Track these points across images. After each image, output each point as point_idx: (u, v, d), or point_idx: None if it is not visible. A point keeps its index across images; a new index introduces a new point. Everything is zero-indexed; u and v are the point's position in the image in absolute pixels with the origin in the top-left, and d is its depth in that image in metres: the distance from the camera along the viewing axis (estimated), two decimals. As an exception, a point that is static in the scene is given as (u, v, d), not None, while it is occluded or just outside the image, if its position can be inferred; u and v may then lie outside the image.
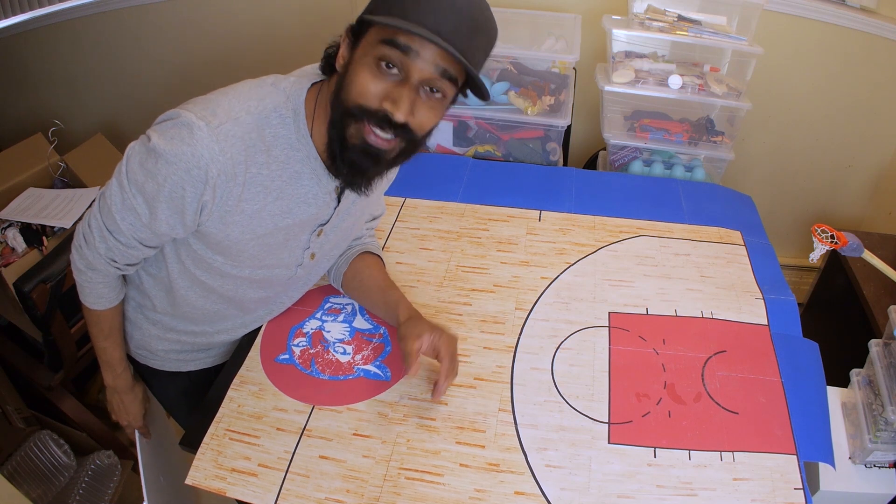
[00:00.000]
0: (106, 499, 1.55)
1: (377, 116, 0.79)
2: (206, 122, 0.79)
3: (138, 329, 1.07)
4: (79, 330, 1.59)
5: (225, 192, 0.83)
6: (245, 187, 0.84)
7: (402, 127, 0.79)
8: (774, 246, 1.29)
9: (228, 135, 0.80)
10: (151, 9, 2.10)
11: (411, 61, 0.76)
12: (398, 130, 0.80)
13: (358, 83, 0.79)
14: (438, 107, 0.82)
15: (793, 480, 0.85)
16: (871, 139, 2.00)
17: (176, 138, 0.79)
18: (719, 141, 1.65)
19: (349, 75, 0.80)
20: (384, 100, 0.78)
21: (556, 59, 1.66)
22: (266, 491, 0.85)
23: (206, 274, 0.95)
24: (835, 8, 1.78)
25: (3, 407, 1.54)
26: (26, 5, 2.03)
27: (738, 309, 1.11)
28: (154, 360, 1.11)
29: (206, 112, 0.81)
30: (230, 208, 0.85)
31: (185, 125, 0.79)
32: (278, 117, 0.85)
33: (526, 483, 0.86)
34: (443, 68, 0.77)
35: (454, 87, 0.81)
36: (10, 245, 1.61)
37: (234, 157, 0.81)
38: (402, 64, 0.77)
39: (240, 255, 0.92)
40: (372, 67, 0.78)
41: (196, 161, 0.79)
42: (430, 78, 0.78)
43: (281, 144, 0.85)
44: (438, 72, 0.78)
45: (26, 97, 2.23)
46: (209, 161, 0.79)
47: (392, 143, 0.81)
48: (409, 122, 0.79)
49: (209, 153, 0.79)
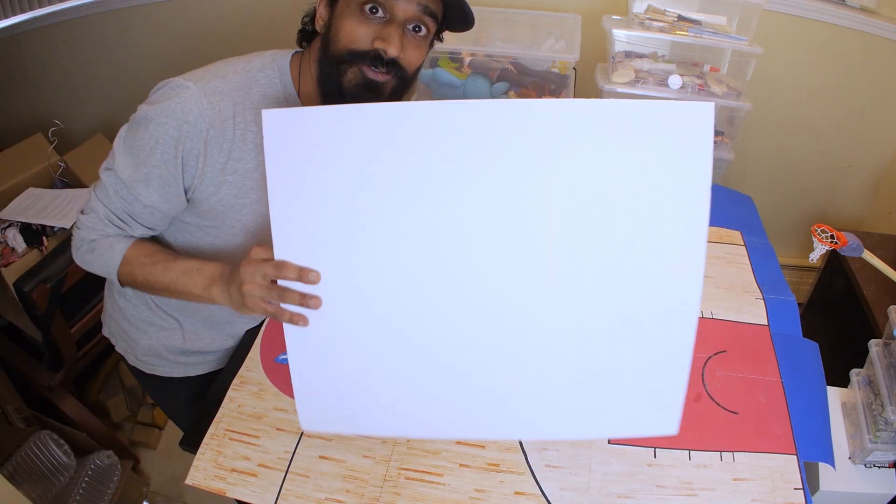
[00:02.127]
0: (106, 499, 1.55)
1: (370, 56, 0.84)
2: (193, 82, 0.83)
3: (144, 334, 1.06)
4: (79, 330, 1.59)
5: (216, 147, 0.85)
6: (234, 144, 0.86)
7: (394, 63, 0.84)
8: (774, 246, 1.29)
9: (216, 90, 0.84)
10: (151, 9, 2.10)
11: (395, 1, 0.82)
12: (391, 67, 0.85)
13: (346, 31, 0.84)
14: (423, 44, 0.88)
15: (793, 480, 0.85)
16: (871, 139, 2.00)
17: (164, 99, 0.82)
18: (719, 141, 1.65)
19: (335, 28, 0.85)
20: (375, 40, 0.83)
21: (556, 59, 1.66)
22: (266, 491, 0.85)
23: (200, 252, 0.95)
24: (835, 8, 1.78)
25: (3, 407, 1.54)
26: (26, 5, 2.02)
27: (738, 309, 1.11)
28: (162, 366, 1.10)
29: (194, 75, 0.85)
30: (221, 166, 0.86)
31: (172, 87, 0.83)
32: (265, 77, 0.89)
33: (526, 483, 0.86)
34: (424, 5, 0.84)
35: (435, 22, 0.87)
36: (10, 245, 1.61)
37: (223, 112, 0.84)
38: (387, 5, 0.83)
39: (234, 225, 0.93)
40: (357, 14, 0.83)
41: (185, 116, 0.81)
42: (413, 15, 0.84)
43: (269, 104, 0.89)
44: (421, 9, 0.84)
45: (26, 97, 2.22)
46: (198, 115, 0.82)
47: (387, 77, 0.86)
48: (400, 58, 0.84)
49: (198, 107, 0.82)
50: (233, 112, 0.85)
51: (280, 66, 0.90)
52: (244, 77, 0.87)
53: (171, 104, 0.81)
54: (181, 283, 0.86)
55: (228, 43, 2.12)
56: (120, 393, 1.93)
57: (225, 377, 1.01)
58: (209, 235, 0.94)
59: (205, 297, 0.85)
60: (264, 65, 0.90)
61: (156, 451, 1.86)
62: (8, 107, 2.20)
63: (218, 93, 0.84)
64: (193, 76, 0.85)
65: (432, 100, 1.71)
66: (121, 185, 0.86)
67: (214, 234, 0.94)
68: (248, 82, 0.87)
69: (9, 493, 1.12)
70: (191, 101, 0.82)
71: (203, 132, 0.83)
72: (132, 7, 2.09)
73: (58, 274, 1.37)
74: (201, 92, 0.83)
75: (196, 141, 0.83)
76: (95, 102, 2.28)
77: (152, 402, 1.92)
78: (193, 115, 0.82)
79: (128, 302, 1.05)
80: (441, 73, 1.65)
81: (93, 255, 0.90)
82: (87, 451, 1.58)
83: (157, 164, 0.83)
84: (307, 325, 0.74)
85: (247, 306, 0.77)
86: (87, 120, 2.24)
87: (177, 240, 0.96)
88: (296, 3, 0.93)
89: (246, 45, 1.93)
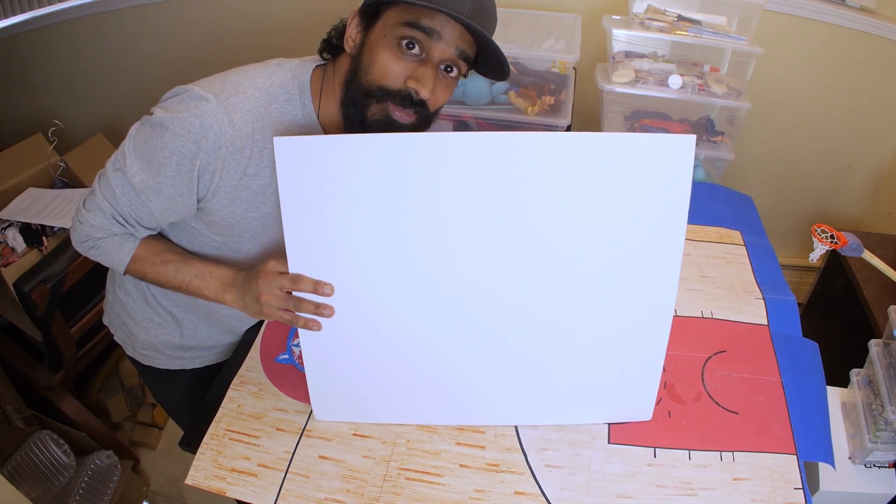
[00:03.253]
0: (106, 499, 1.55)
1: (400, 95, 0.82)
2: (214, 95, 0.81)
3: (143, 330, 1.07)
4: (79, 330, 1.59)
5: (232, 164, 0.83)
6: (251, 161, 0.85)
7: (422, 104, 0.83)
8: (774, 246, 1.29)
9: (237, 107, 0.82)
10: (151, 9, 2.10)
11: (434, 42, 0.81)
12: (417, 107, 0.83)
13: (380, 64, 0.82)
14: (452, 85, 0.87)
15: (793, 480, 0.85)
16: (871, 139, 2.00)
17: (184, 111, 0.80)
18: (719, 141, 1.65)
19: (367, 56, 0.83)
20: (408, 79, 0.82)
21: (556, 59, 1.66)
22: (266, 491, 0.85)
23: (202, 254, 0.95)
24: (835, 8, 1.78)
25: (3, 407, 1.54)
26: (26, 5, 2.02)
27: (738, 309, 1.11)
28: (159, 359, 1.11)
29: (214, 86, 0.83)
30: (236, 182, 0.85)
31: (192, 98, 0.81)
32: (285, 94, 0.87)
33: (526, 483, 0.86)
34: (461, 49, 0.82)
35: (468, 65, 0.86)
36: (10, 245, 1.61)
37: (242, 130, 0.82)
38: (425, 44, 0.81)
39: (241, 235, 0.92)
40: (393, 48, 0.81)
41: (205, 132, 0.80)
42: (449, 58, 0.83)
43: (287, 121, 0.87)
44: (457, 53, 0.83)
45: (26, 97, 2.22)
46: (218, 132, 0.80)
47: (411, 119, 0.85)
48: (429, 100, 0.83)
49: (218, 124, 0.80)
50: (251, 130, 0.83)
51: (300, 82, 0.88)
52: (264, 94, 0.85)
53: (189, 116, 0.79)
54: (194, 286, 0.90)
55: (228, 43, 2.12)
56: (120, 393, 1.93)
57: (225, 377, 1.01)
58: (213, 241, 0.94)
59: (217, 300, 0.90)
60: (284, 81, 0.87)
61: (156, 451, 1.86)
62: (8, 107, 2.20)
63: (239, 109, 0.82)
64: (212, 87, 0.82)
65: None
66: (130, 189, 0.85)
67: (220, 241, 0.94)
68: (267, 99, 0.85)
69: (9, 493, 1.12)
70: (210, 117, 0.80)
71: (221, 149, 0.81)
72: (132, 7, 2.09)
73: (58, 274, 1.37)
74: (222, 108, 0.80)
75: (213, 157, 0.81)
76: (95, 102, 2.28)
77: (152, 403, 1.92)
78: (214, 132, 0.80)
79: (128, 296, 1.05)
80: (441, 73, 1.64)
81: (98, 252, 0.91)
82: (87, 451, 1.58)
83: (171, 175, 0.82)
84: (321, 329, 0.82)
85: (263, 314, 0.84)
86: (87, 120, 2.24)
87: (180, 241, 0.96)
88: (294, 4, 0.93)
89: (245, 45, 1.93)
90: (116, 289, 1.07)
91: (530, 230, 0.77)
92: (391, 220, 0.77)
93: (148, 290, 1.03)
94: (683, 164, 0.74)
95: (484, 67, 0.89)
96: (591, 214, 0.77)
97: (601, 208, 0.76)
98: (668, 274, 0.80)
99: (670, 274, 0.80)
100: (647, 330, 0.84)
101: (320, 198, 0.76)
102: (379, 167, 0.74)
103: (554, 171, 0.74)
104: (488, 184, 0.75)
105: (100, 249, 0.90)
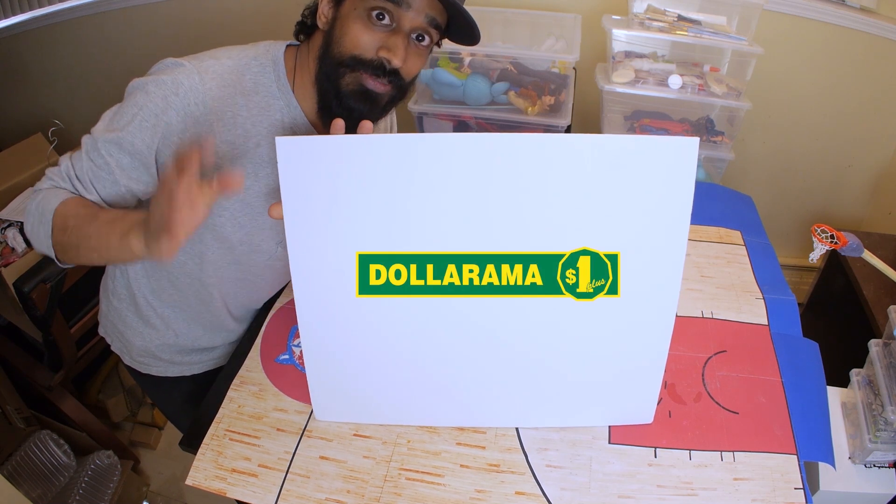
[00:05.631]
0: (106, 499, 1.55)
1: (372, 65, 0.84)
2: (187, 61, 0.84)
3: (138, 335, 1.07)
4: (79, 330, 1.59)
5: (202, 125, 0.84)
6: (222, 124, 0.85)
7: (395, 73, 0.84)
8: (774, 246, 1.29)
9: (209, 70, 0.84)
10: (151, 9, 2.10)
11: (403, 11, 0.82)
12: (391, 77, 0.85)
13: (351, 35, 0.83)
14: (424, 53, 0.88)
15: (793, 480, 0.85)
16: (871, 139, 2.00)
17: (156, 72, 0.83)
18: (719, 141, 1.65)
19: (339, 29, 0.84)
20: (380, 49, 0.83)
21: (556, 59, 1.66)
22: (266, 491, 0.85)
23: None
24: (835, 8, 1.78)
25: (3, 407, 1.54)
26: (26, 5, 2.03)
27: (738, 309, 1.11)
28: (157, 366, 1.10)
29: (189, 57, 0.86)
30: None
31: (167, 64, 0.84)
32: (258, 65, 0.89)
33: (526, 483, 0.86)
34: (431, 16, 0.84)
35: (439, 33, 0.87)
36: (10, 245, 1.61)
37: (213, 91, 0.84)
38: (395, 14, 0.82)
39: (221, 214, 0.91)
40: (364, 19, 0.83)
41: (175, 88, 0.81)
42: (420, 26, 0.84)
43: (261, 91, 0.89)
44: (428, 20, 0.84)
45: (26, 97, 2.22)
46: (188, 89, 0.82)
47: (387, 88, 0.86)
48: (402, 68, 0.84)
49: (189, 82, 0.82)
50: (222, 93, 0.85)
51: (274, 56, 0.90)
52: (237, 62, 0.88)
53: (163, 76, 0.82)
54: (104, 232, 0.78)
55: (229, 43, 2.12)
56: (120, 393, 1.93)
57: (225, 377, 1.01)
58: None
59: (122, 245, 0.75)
60: (258, 54, 0.90)
61: (156, 451, 1.87)
62: (8, 107, 2.20)
63: (210, 72, 0.84)
64: (189, 57, 0.86)
65: (432, 99, 1.72)
66: (93, 148, 0.83)
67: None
68: (240, 69, 0.88)
69: (9, 493, 1.12)
70: (183, 75, 0.82)
71: (191, 107, 0.82)
72: (132, 7, 2.09)
73: (58, 274, 1.37)
74: (195, 69, 0.83)
75: (181, 115, 0.82)
76: (95, 102, 2.27)
77: (152, 403, 1.92)
78: (184, 89, 0.82)
79: (121, 302, 1.05)
80: (441, 73, 1.65)
81: (34, 204, 0.82)
82: (87, 451, 1.58)
83: (136, 129, 0.81)
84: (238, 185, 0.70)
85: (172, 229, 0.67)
86: (87, 120, 2.21)
87: None
88: (297, 7, 0.93)
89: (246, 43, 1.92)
90: (110, 296, 1.07)
91: (532, 231, 0.78)
92: (393, 221, 0.77)
93: (139, 292, 1.03)
94: (686, 167, 0.74)
95: (456, 35, 0.90)
96: (593, 216, 0.77)
97: (604, 209, 0.76)
98: (670, 276, 0.80)
99: (673, 276, 0.80)
100: (649, 333, 0.84)
101: (322, 198, 0.76)
102: (382, 167, 0.74)
103: (557, 172, 0.74)
104: (491, 184, 0.75)
105: (35, 201, 0.82)
